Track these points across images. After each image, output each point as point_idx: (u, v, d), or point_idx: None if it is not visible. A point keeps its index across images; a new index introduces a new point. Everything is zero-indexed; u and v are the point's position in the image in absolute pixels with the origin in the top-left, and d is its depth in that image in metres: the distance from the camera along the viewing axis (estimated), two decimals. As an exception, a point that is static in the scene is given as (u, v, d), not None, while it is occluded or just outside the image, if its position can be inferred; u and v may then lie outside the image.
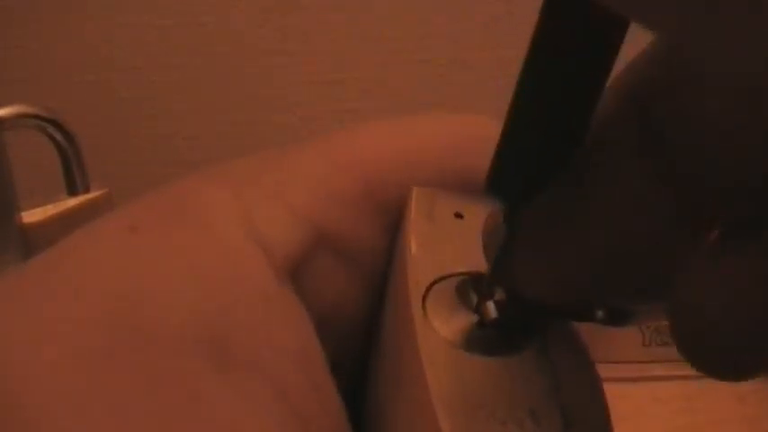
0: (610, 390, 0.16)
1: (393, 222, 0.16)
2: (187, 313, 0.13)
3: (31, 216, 0.57)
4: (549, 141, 0.12)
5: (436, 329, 0.14)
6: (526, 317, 0.14)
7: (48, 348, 0.12)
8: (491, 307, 0.14)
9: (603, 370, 0.16)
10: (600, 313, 0.14)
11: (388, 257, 0.16)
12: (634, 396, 0.56)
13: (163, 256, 0.14)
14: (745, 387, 0.58)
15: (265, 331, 0.13)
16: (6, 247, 0.54)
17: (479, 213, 0.16)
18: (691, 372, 0.18)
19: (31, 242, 0.55)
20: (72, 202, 0.59)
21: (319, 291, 0.15)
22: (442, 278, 0.15)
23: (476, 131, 0.17)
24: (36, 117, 0.57)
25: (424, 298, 0.14)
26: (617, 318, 0.15)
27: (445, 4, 0.74)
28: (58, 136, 0.58)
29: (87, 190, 0.60)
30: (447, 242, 0.15)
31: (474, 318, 0.14)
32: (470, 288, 0.15)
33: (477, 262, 0.15)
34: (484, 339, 0.14)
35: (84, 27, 0.75)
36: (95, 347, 0.12)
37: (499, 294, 0.15)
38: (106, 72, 0.76)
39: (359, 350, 0.16)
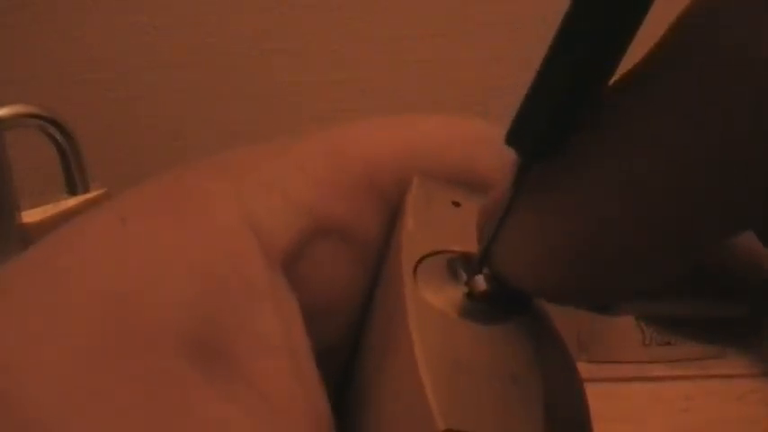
0: (610, 390, 0.16)
1: (394, 213, 0.16)
2: (175, 310, 0.13)
3: (30, 216, 0.57)
4: (579, 90, 0.12)
5: (425, 296, 0.14)
6: (512, 294, 0.15)
7: (43, 349, 0.12)
8: (480, 280, 0.15)
9: (603, 370, 0.16)
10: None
11: (387, 245, 0.16)
12: (634, 396, 0.56)
13: (153, 247, 0.14)
14: (745, 387, 0.58)
15: (252, 328, 0.13)
16: (6, 247, 0.54)
17: (476, 204, 0.16)
18: (691, 372, 0.18)
19: (31, 242, 0.55)
20: (72, 201, 0.59)
21: (320, 279, 0.15)
22: (435, 253, 0.15)
23: (475, 132, 0.17)
24: (36, 117, 0.57)
25: (415, 269, 0.15)
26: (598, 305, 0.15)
27: (445, 4, 0.74)
28: (58, 136, 0.58)
29: (87, 190, 0.60)
30: (442, 224, 0.16)
31: (463, 289, 0.15)
32: (460, 264, 0.15)
33: (471, 244, 0.15)
34: (471, 308, 0.14)
35: (83, 27, 0.75)
36: (87, 348, 0.12)
37: (488, 271, 0.15)
38: (106, 72, 0.76)
39: (351, 339, 0.16)
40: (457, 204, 0.16)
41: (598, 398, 0.16)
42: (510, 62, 0.73)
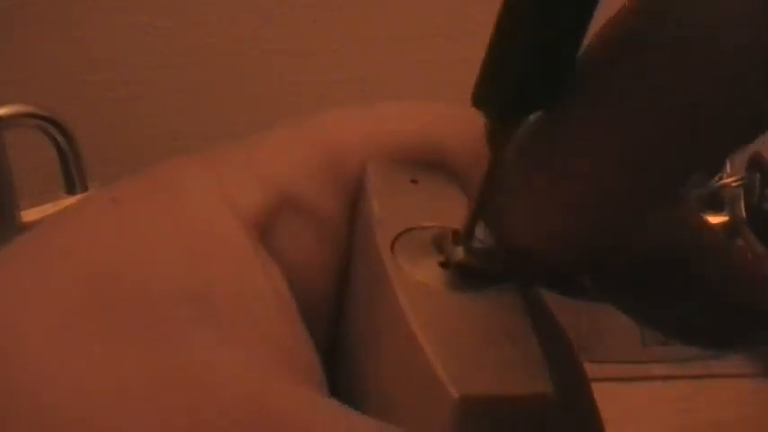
0: (610, 390, 0.16)
1: (353, 195, 0.17)
2: (170, 270, 0.13)
3: (30, 215, 0.57)
4: (542, 45, 0.13)
5: (408, 272, 0.15)
6: (490, 264, 0.15)
7: (34, 307, 0.13)
8: (459, 251, 0.15)
9: (603, 370, 0.16)
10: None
11: (352, 228, 0.17)
12: (634, 396, 0.56)
13: (142, 223, 0.14)
14: (745, 387, 0.58)
15: (245, 283, 0.14)
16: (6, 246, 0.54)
17: (433, 178, 0.17)
18: (690, 372, 0.18)
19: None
20: (71, 201, 0.59)
21: (288, 252, 0.16)
22: (408, 230, 0.16)
23: (434, 112, 0.18)
24: (36, 117, 0.57)
25: (392, 247, 0.15)
26: (595, 287, 0.15)
27: (445, 4, 0.74)
28: (58, 136, 0.58)
29: (86, 189, 0.60)
30: (407, 202, 0.16)
31: (442, 261, 0.15)
32: (435, 239, 0.16)
33: (437, 219, 0.16)
34: (454, 278, 0.15)
35: (83, 27, 0.75)
36: (82, 305, 0.13)
37: (473, 242, 0.15)
38: (106, 72, 0.76)
39: (324, 321, 0.17)
40: (415, 182, 0.17)
41: (598, 398, 0.16)
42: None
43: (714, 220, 0.56)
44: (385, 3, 0.74)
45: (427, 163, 0.17)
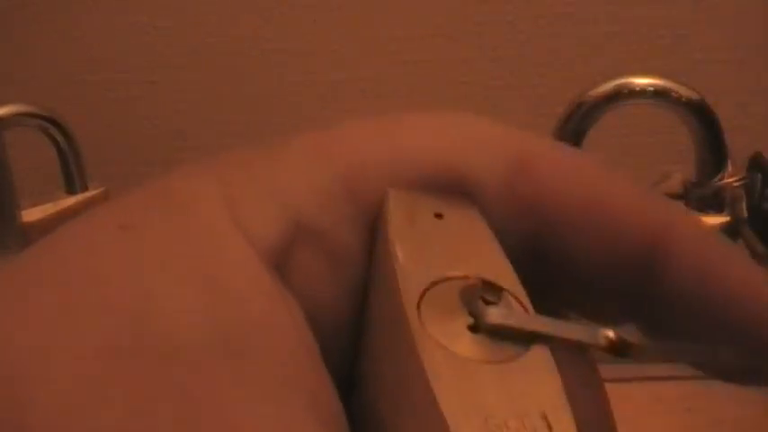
0: (610, 390, 0.16)
1: (370, 222, 0.16)
2: (194, 312, 0.13)
3: (30, 215, 0.57)
4: None
5: (435, 339, 0.13)
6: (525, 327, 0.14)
7: (53, 358, 0.12)
8: (494, 312, 0.14)
9: (603, 370, 0.16)
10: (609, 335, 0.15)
11: (368, 260, 0.16)
12: (634, 396, 0.56)
13: (158, 254, 0.13)
14: (746, 388, 0.58)
15: (270, 325, 0.13)
16: (6, 245, 0.54)
17: (459, 212, 0.16)
18: (691, 372, 0.18)
19: (30, 241, 0.55)
20: (71, 200, 0.59)
21: (301, 286, 0.15)
22: (434, 284, 0.14)
23: (461, 128, 0.17)
24: (36, 117, 0.57)
25: (418, 306, 0.14)
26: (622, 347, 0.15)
27: (445, 4, 0.74)
28: (58, 136, 0.58)
29: (86, 189, 0.60)
30: (432, 245, 0.15)
31: (473, 322, 0.14)
32: (465, 295, 0.14)
33: (465, 264, 0.15)
34: (487, 344, 0.14)
35: (84, 27, 0.75)
36: (99, 351, 0.12)
37: (503, 299, 0.14)
38: (106, 72, 0.76)
39: (338, 356, 0.15)
40: (439, 216, 0.16)
41: (598, 398, 0.16)
42: (510, 62, 0.73)
43: (715, 219, 0.56)
44: (385, 3, 0.74)
45: (451, 188, 0.16)
